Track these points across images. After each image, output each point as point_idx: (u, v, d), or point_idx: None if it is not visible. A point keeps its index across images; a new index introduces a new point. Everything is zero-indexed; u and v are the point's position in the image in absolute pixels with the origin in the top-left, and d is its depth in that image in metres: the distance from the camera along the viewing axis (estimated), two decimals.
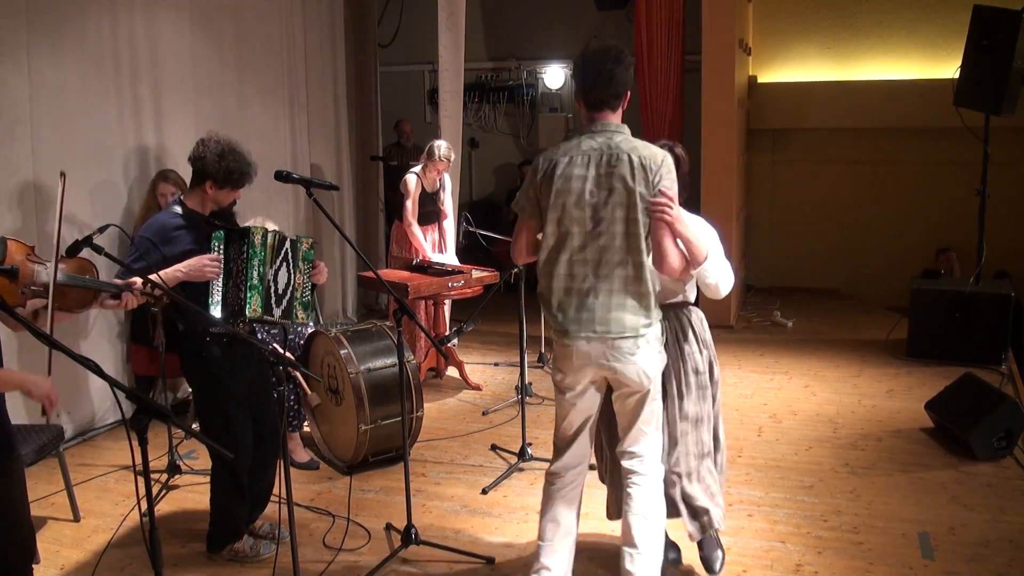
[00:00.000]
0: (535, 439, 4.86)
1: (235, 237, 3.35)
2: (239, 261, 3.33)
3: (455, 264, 5.92)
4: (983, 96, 5.96)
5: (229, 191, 3.41)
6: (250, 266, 3.31)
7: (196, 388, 3.62)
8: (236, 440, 3.49)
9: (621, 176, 2.79)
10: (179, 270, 3.28)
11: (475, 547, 3.69)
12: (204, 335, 3.38)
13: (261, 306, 3.34)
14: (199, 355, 3.43)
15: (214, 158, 3.33)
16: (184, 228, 3.39)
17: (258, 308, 3.33)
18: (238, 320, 3.37)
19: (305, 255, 3.52)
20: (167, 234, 3.35)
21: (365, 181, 8.24)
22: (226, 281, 3.35)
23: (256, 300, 3.32)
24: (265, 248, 3.36)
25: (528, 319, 4.72)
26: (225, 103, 6.00)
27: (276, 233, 3.43)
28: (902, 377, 5.94)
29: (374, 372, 4.42)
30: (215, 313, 3.32)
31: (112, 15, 5.07)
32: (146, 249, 3.31)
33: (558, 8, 9.29)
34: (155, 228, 3.38)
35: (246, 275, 3.31)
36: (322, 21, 7.33)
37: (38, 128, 4.61)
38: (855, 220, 8.39)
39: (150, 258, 3.29)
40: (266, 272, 3.36)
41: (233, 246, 3.35)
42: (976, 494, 4.10)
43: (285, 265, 3.44)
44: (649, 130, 7.75)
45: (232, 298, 3.34)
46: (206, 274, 3.29)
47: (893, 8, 7.95)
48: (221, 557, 3.62)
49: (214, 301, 3.33)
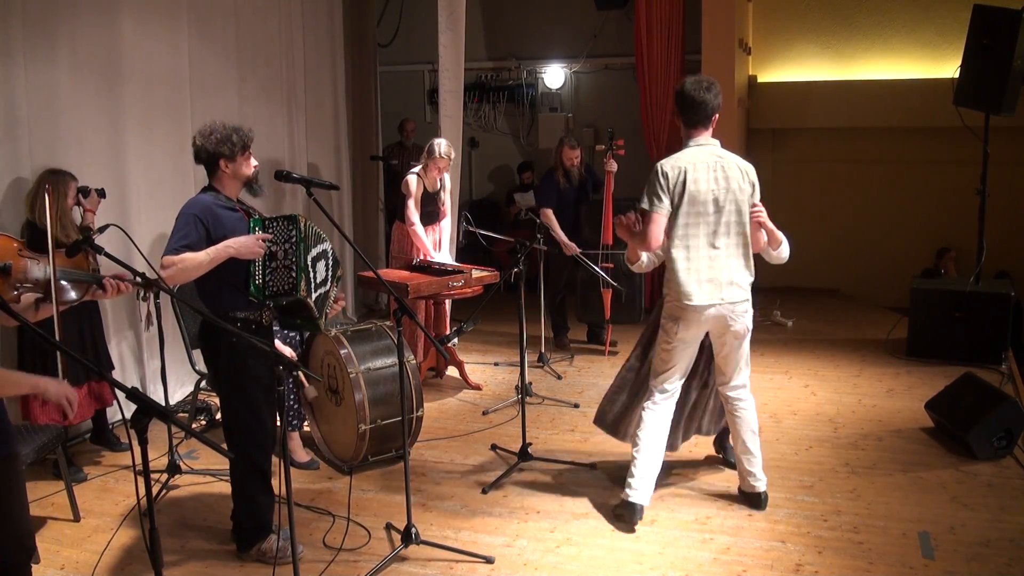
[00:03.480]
0: (535, 439, 4.87)
1: (281, 223, 3.45)
2: (286, 244, 3.41)
3: (455, 264, 5.92)
4: (983, 96, 5.96)
5: (242, 159, 3.47)
6: (299, 249, 3.40)
7: (223, 374, 3.59)
8: (262, 425, 3.52)
9: (733, 178, 3.70)
10: (229, 246, 3.33)
11: (475, 547, 3.68)
12: (233, 322, 3.42)
13: (306, 289, 3.43)
14: (228, 342, 3.43)
15: (208, 139, 3.41)
16: (227, 209, 3.46)
17: (306, 289, 3.42)
18: (269, 304, 3.47)
19: (338, 277, 3.69)
20: (212, 211, 3.41)
21: (365, 181, 8.24)
22: (267, 263, 3.42)
23: (303, 283, 3.41)
24: (309, 235, 3.47)
25: (528, 319, 4.72)
26: (223, 103, 5.99)
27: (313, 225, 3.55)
28: (902, 377, 5.94)
29: (374, 372, 4.42)
30: (254, 294, 3.41)
31: (109, 15, 5.06)
32: (193, 226, 3.35)
33: (558, 8, 9.29)
34: (201, 206, 3.42)
35: (297, 257, 3.39)
36: (321, 21, 7.33)
37: (35, 128, 4.61)
38: (855, 220, 8.40)
39: (196, 234, 3.33)
40: (307, 258, 3.45)
41: (278, 231, 3.43)
42: (976, 494, 4.10)
43: (324, 263, 3.56)
44: (649, 130, 7.77)
45: (280, 279, 3.40)
46: (255, 251, 3.37)
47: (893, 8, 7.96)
48: (249, 557, 3.61)
49: (256, 283, 3.41)
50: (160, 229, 5.31)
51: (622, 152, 6.42)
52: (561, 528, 3.87)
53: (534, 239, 4.92)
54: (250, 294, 3.42)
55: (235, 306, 3.45)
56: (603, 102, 9.37)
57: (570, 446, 4.83)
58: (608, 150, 6.39)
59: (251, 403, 3.50)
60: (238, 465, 3.54)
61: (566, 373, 6.23)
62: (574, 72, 9.50)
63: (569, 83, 9.56)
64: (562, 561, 3.58)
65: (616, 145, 6.38)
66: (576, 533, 3.82)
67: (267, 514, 3.62)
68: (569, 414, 5.37)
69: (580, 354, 6.71)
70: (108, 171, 5.09)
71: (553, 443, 4.89)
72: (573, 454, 4.69)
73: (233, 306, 3.44)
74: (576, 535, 3.80)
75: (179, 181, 5.56)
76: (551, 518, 3.97)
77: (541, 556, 3.63)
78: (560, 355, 6.63)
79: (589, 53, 9.28)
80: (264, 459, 3.55)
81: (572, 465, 4.52)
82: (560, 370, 6.26)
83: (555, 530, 3.85)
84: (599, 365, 6.43)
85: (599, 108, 9.38)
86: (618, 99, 9.06)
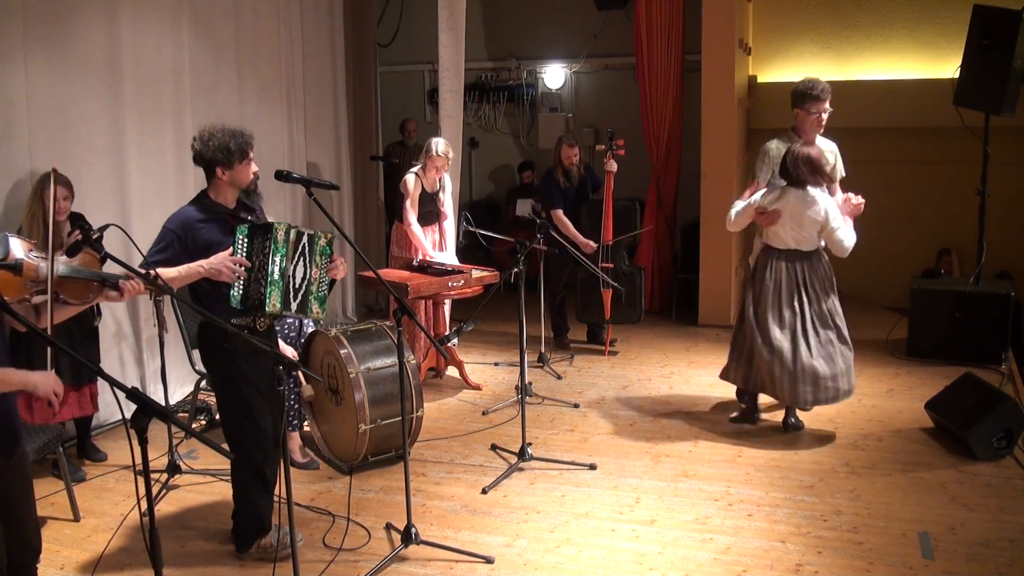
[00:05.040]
0: (535, 439, 4.87)
1: (259, 231, 3.37)
2: (261, 255, 3.35)
3: (455, 264, 5.92)
4: (983, 96, 5.95)
5: (240, 166, 3.42)
6: (271, 261, 3.34)
7: (219, 379, 3.59)
8: (259, 430, 3.51)
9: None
10: (201, 266, 3.31)
11: (475, 547, 3.68)
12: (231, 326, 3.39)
13: (280, 302, 3.38)
14: (222, 346, 3.43)
15: (206, 145, 3.37)
16: (208, 221, 3.42)
17: (277, 304, 3.37)
18: (257, 314, 3.42)
19: (323, 250, 3.54)
20: (191, 225, 3.38)
21: (365, 181, 8.24)
22: (248, 275, 3.38)
23: (276, 296, 3.36)
24: (288, 244, 3.39)
25: (528, 319, 4.72)
26: (222, 102, 5.99)
27: (297, 228, 3.46)
28: (902, 377, 5.94)
29: (374, 372, 4.42)
30: (236, 305, 3.35)
31: (109, 14, 5.06)
32: (169, 241, 3.34)
33: (558, 8, 9.28)
34: (179, 220, 3.40)
35: (267, 270, 3.34)
36: (321, 21, 7.33)
37: (35, 127, 4.61)
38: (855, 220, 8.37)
39: (172, 249, 3.32)
40: (287, 268, 3.40)
41: (256, 240, 3.37)
42: (976, 494, 4.10)
43: (302, 260, 3.46)
44: (649, 130, 7.77)
45: (253, 292, 3.36)
46: (225, 275, 3.31)
47: (893, 8, 7.95)
48: (250, 556, 3.62)
49: (236, 294, 3.36)
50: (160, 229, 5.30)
51: (622, 152, 6.42)
52: (561, 528, 3.87)
53: (534, 239, 4.92)
54: (232, 304, 3.37)
55: (230, 312, 3.42)
56: (603, 102, 9.36)
57: (570, 446, 4.84)
58: (608, 150, 6.39)
59: (248, 406, 3.50)
60: (238, 466, 3.55)
61: (566, 373, 6.23)
62: (574, 72, 9.49)
63: (569, 83, 9.55)
64: (562, 561, 3.58)
65: (616, 145, 6.38)
66: (576, 533, 3.82)
67: (267, 515, 3.63)
68: (569, 414, 5.37)
69: (580, 354, 6.71)
70: (108, 170, 5.09)
71: (553, 443, 4.89)
72: (573, 454, 4.69)
73: (228, 312, 3.41)
74: (576, 535, 3.80)
75: (179, 181, 5.56)
76: (551, 518, 3.97)
77: (541, 556, 3.63)
78: (560, 355, 6.63)
79: (589, 53, 9.27)
80: (263, 460, 3.55)
81: (572, 465, 4.52)
82: (560, 370, 6.26)
83: (555, 530, 3.85)
84: (599, 365, 6.43)
85: (599, 108, 9.38)
86: (618, 99, 9.06)
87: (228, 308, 3.39)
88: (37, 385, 2.44)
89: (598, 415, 5.34)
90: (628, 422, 5.21)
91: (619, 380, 6.05)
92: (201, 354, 3.67)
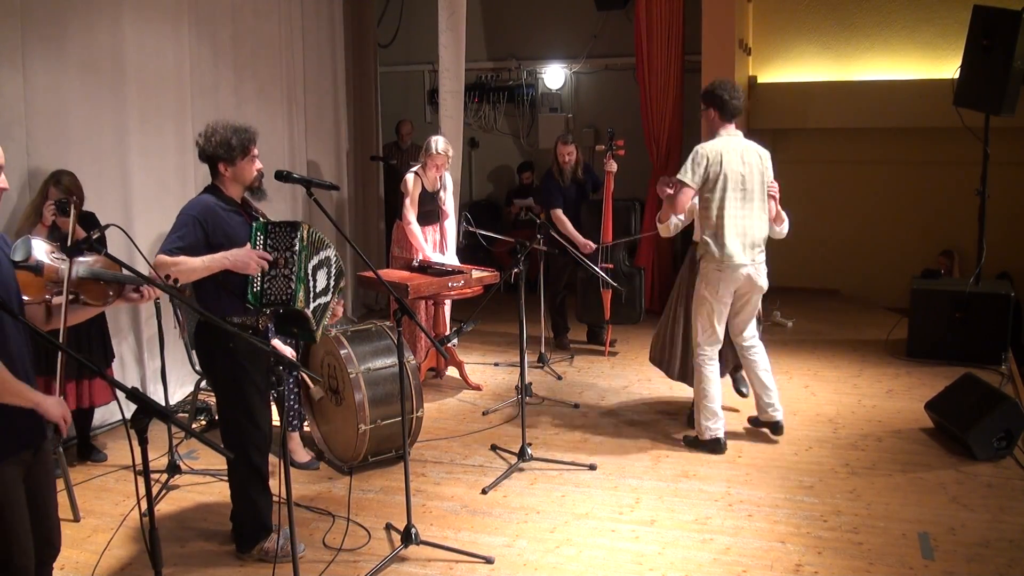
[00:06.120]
0: (535, 439, 4.87)
1: (284, 229, 3.39)
2: (287, 252, 3.35)
3: (455, 264, 5.92)
4: (983, 96, 5.95)
5: (242, 163, 3.43)
6: (300, 259, 3.35)
7: (220, 379, 3.58)
8: (259, 430, 3.51)
9: (756, 162, 4.54)
10: (226, 258, 3.30)
11: (475, 547, 3.68)
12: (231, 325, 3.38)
13: (304, 299, 3.38)
14: (225, 345, 3.42)
15: (209, 141, 3.38)
16: (228, 211, 3.43)
17: (303, 300, 3.37)
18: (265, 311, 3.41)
19: (342, 290, 3.65)
20: (213, 212, 3.38)
21: (365, 181, 8.24)
22: (267, 271, 3.37)
23: (302, 293, 3.37)
24: (312, 243, 3.42)
25: (528, 319, 4.72)
26: (222, 102, 5.99)
27: (320, 234, 3.51)
28: (902, 377, 5.94)
29: (374, 372, 4.42)
30: (252, 302, 3.35)
31: (109, 15, 5.06)
32: (191, 227, 3.32)
33: (558, 8, 9.29)
34: (200, 206, 3.39)
35: (297, 266, 3.34)
36: (321, 21, 7.33)
37: (33, 128, 4.61)
38: (855, 220, 8.39)
39: (192, 236, 3.30)
40: (309, 268, 3.41)
41: (280, 238, 3.37)
42: (976, 494, 4.10)
43: (324, 270, 3.49)
44: (649, 130, 7.76)
45: (278, 289, 3.35)
46: (251, 267, 3.31)
47: (893, 8, 7.95)
48: (251, 557, 3.61)
49: (253, 290, 3.35)
50: (161, 229, 5.30)
51: (622, 152, 6.42)
52: (561, 528, 3.87)
53: (534, 239, 4.92)
54: (247, 301, 3.37)
55: (232, 311, 3.42)
56: (603, 102, 9.37)
57: (570, 446, 4.84)
58: (608, 150, 6.38)
59: (247, 406, 3.50)
60: (237, 466, 3.55)
61: (566, 373, 6.23)
62: (574, 72, 9.50)
63: (569, 83, 9.56)
64: (562, 561, 3.59)
65: (616, 145, 6.38)
66: (576, 533, 3.82)
67: (266, 515, 3.63)
68: (569, 414, 5.37)
69: (580, 354, 6.71)
70: (108, 171, 5.09)
71: (553, 443, 4.89)
72: (573, 454, 4.69)
73: (230, 311, 3.41)
74: (576, 535, 3.80)
75: (180, 181, 5.56)
76: (551, 518, 3.97)
77: (541, 556, 3.63)
78: (560, 355, 6.63)
79: (589, 53, 9.28)
80: (262, 461, 3.55)
81: (572, 465, 4.52)
82: (560, 370, 6.26)
83: (555, 530, 3.85)
84: (599, 365, 6.43)
85: (599, 108, 9.38)
86: (618, 99, 9.06)
87: (229, 307, 3.39)
88: (48, 410, 2.41)
89: (598, 415, 5.34)
90: (628, 422, 5.21)
91: (619, 380, 6.05)
92: (199, 354, 3.66)
